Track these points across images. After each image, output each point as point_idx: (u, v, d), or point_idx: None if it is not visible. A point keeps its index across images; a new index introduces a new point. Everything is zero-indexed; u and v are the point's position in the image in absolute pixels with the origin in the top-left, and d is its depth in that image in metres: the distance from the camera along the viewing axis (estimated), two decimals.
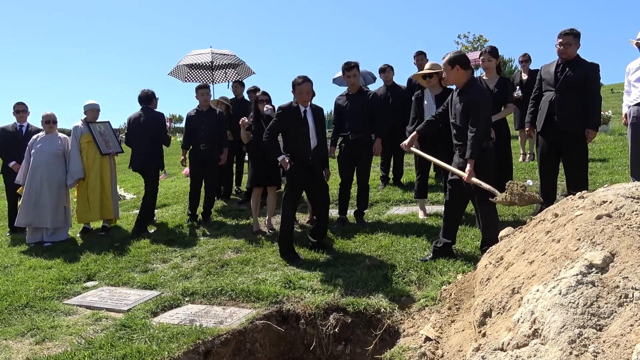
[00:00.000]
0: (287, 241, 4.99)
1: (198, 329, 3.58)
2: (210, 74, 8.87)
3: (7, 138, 6.99)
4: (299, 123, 4.84)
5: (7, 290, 4.61)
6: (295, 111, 4.84)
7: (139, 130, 6.49)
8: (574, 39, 4.75)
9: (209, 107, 6.66)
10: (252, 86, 7.83)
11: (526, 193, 3.64)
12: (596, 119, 4.85)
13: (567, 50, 4.78)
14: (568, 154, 4.92)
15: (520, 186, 3.67)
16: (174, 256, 5.42)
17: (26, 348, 3.52)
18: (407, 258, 4.52)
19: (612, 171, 6.84)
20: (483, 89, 4.26)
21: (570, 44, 4.75)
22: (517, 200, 3.66)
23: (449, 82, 4.33)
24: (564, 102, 4.79)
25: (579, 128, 4.78)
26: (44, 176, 6.34)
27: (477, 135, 4.00)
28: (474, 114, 4.04)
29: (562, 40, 4.77)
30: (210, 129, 6.47)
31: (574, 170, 4.96)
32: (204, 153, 6.46)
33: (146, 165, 6.53)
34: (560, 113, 4.79)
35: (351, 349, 3.78)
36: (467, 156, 4.04)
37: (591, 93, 4.78)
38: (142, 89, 6.69)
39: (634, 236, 2.26)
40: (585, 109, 4.76)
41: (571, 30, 4.78)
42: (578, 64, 4.80)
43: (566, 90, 4.79)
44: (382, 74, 7.43)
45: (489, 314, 2.56)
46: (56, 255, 5.71)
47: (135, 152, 6.54)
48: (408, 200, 6.67)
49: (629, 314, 1.90)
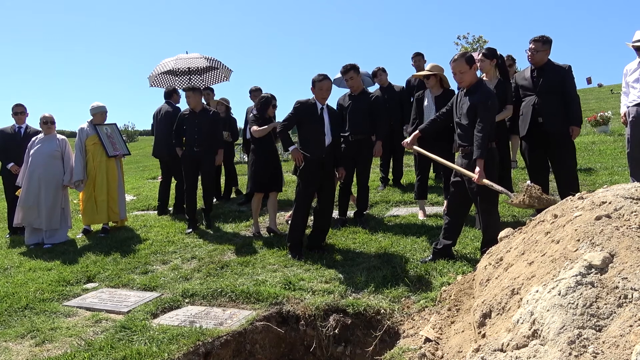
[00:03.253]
0: (296, 235, 4.98)
1: (198, 330, 3.58)
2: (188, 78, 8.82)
3: (6, 140, 6.99)
4: (314, 118, 4.90)
5: (6, 292, 4.61)
6: (312, 107, 4.93)
7: (159, 122, 7.34)
8: (543, 45, 4.93)
9: (203, 107, 6.49)
10: (254, 86, 7.83)
11: (544, 196, 3.65)
12: (577, 116, 5.00)
13: (534, 57, 4.97)
14: (554, 150, 5.02)
15: (538, 189, 3.68)
16: (173, 257, 5.42)
17: (26, 350, 3.52)
18: (407, 259, 4.52)
19: (612, 172, 6.85)
20: (490, 89, 4.25)
21: (539, 50, 4.94)
22: (536, 203, 3.66)
23: (465, 83, 4.18)
24: (547, 104, 4.95)
25: (564, 127, 4.94)
26: (41, 177, 6.35)
27: (485, 135, 3.98)
28: (482, 114, 4.01)
29: (531, 46, 4.98)
30: (203, 130, 6.29)
31: (563, 167, 5.05)
32: (198, 155, 6.30)
33: (164, 153, 7.27)
34: (545, 115, 4.95)
35: (351, 350, 3.78)
36: (475, 156, 3.99)
37: (569, 93, 4.96)
38: (167, 86, 7.76)
39: (633, 237, 2.26)
40: (566, 109, 4.94)
41: (540, 37, 4.95)
42: (552, 67, 4.99)
43: (546, 93, 4.96)
44: (376, 79, 7.44)
45: (488, 315, 2.56)
46: (56, 257, 5.71)
47: (155, 140, 7.46)
48: (408, 201, 6.68)
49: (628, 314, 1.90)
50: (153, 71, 8.44)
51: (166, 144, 7.14)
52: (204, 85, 8.56)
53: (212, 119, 6.44)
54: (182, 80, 8.83)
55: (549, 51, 4.99)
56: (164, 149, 7.23)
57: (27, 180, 6.35)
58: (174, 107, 7.38)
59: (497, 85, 5.18)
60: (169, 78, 8.78)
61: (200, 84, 8.67)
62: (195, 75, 8.85)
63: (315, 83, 4.91)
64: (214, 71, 8.87)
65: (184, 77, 8.81)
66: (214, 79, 8.93)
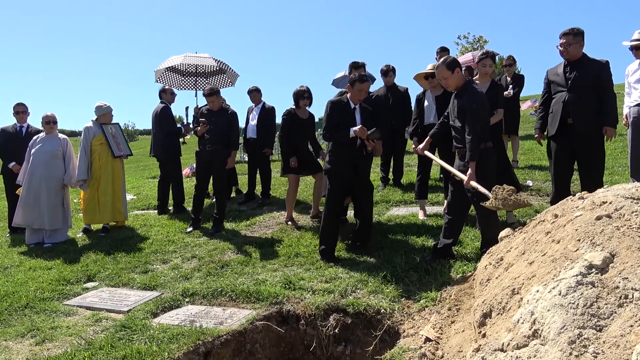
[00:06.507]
0: (328, 240, 4.86)
1: (198, 329, 3.58)
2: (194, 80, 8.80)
3: (7, 139, 7.01)
4: (348, 117, 4.80)
5: (7, 291, 4.61)
6: (346, 106, 4.85)
7: (154, 121, 7.37)
8: (574, 38, 4.56)
9: (221, 107, 6.42)
10: (253, 86, 7.85)
11: (512, 197, 3.50)
12: (613, 115, 4.57)
13: (568, 50, 4.60)
14: (584, 156, 4.64)
15: (507, 191, 3.54)
16: (174, 257, 5.42)
17: (26, 349, 3.52)
18: (407, 258, 4.52)
19: (612, 172, 6.84)
20: (478, 91, 4.26)
21: (571, 44, 4.57)
22: (500, 205, 3.54)
23: (451, 87, 4.30)
24: (578, 101, 4.55)
25: (595, 127, 4.54)
26: (43, 176, 6.35)
27: (475, 138, 4.01)
28: (470, 117, 4.06)
29: (562, 41, 4.63)
30: (218, 129, 6.22)
31: (590, 173, 4.65)
32: (210, 154, 6.23)
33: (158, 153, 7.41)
34: (574, 113, 4.57)
35: (351, 349, 3.78)
36: (467, 159, 4.06)
37: (604, 90, 4.55)
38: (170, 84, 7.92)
39: (633, 237, 2.26)
40: (600, 107, 4.53)
41: (571, 30, 4.60)
42: (586, 62, 4.59)
43: (578, 89, 4.56)
44: (385, 77, 7.41)
45: (489, 315, 2.56)
46: (56, 256, 5.71)
47: (152, 140, 7.61)
48: (408, 201, 6.67)
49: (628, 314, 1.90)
50: (160, 66, 8.41)
51: (160, 144, 7.25)
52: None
53: (229, 119, 6.36)
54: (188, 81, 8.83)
55: (583, 43, 4.58)
56: (159, 149, 7.32)
57: (28, 179, 6.36)
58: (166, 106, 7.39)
59: (489, 88, 5.16)
60: (175, 77, 8.78)
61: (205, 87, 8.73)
62: (202, 78, 8.84)
63: (356, 83, 4.74)
64: (221, 75, 8.84)
65: (190, 78, 8.79)
66: (220, 84, 8.87)
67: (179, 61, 8.20)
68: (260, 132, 7.55)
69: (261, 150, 7.61)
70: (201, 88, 8.83)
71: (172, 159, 7.34)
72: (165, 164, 7.43)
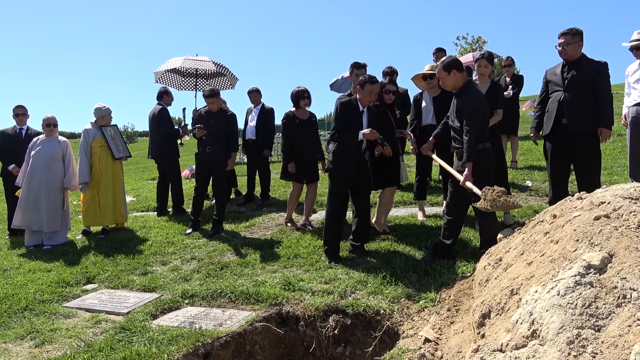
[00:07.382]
0: (331, 240, 4.88)
1: (197, 331, 3.58)
2: (194, 81, 8.80)
3: (7, 141, 7.01)
4: (357, 118, 4.82)
5: (6, 293, 4.61)
6: (356, 107, 4.86)
7: (151, 123, 7.43)
8: (573, 38, 4.54)
9: (220, 108, 6.40)
10: (253, 87, 7.88)
11: (501, 199, 3.49)
12: (609, 116, 4.55)
13: (567, 50, 4.59)
14: (579, 156, 4.64)
15: (496, 192, 3.54)
16: (173, 259, 5.42)
17: (25, 351, 3.52)
18: (407, 259, 4.52)
19: (611, 172, 6.85)
20: (478, 92, 4.28)
21: (569, 44, 4.56)
22: (489, 206, 3.54)
23: (448, 88, 4.38)
24: (574, 101, 4.55)
25: (590, 128, 4.53)
26: (42, 179, 6.35)
27: (472, 138, 4.03)
28: (468, 117, 4.08)
29: (561, 41, 4.61)
30: (218, 131, 6.20)
31: (586, 174, 4.64)
32: (209, 156, 6.22)
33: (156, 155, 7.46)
34: (570, 113, 4.55)
35: (351, 350, 3.78)
36: (464, 160, 4.08)
37: (601, 90, 4.54)
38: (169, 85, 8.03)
39: (632, 237, 2.26)
40: (597, 108, 4.52)
41: (569, 30, 4.59)
42: (584, 63, 4.58)
43: (575, 89, 4.55)
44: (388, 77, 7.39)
45: (487, 315, 2.56)
46: (55, 258, 5.71)
47: (149, 142, 7.65)
48: (407, 202, 6.68)
49: (627, 314, 1.90)
50: (160, 67, 8.42)
51: (158, 146, 7.29)
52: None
53: (228, 120, 6.35)
54: (188, 82, 8.83)
55: (582, 43, 4.57)
56: (156, 150, 7.36)
57: (27, 181, 6.36)
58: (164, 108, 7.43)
59: (489, 88, 5.17)
60: (175, 77, 8.78)
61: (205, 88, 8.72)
62: (202, 79, 8.84)
63: (366, 85, 4.71)
64: (220, 78, 8.85)
65: (191, 79, 8.79)
66: (219, 86, 8.87)
67: (179, 64, 8.21)
68: (259, 133, 7.56)
69: (260, 151, 7.62)
70: (201, 89, 8.83)
71: (170, 161, 7.35)
72: (163, 165, 7.44)
